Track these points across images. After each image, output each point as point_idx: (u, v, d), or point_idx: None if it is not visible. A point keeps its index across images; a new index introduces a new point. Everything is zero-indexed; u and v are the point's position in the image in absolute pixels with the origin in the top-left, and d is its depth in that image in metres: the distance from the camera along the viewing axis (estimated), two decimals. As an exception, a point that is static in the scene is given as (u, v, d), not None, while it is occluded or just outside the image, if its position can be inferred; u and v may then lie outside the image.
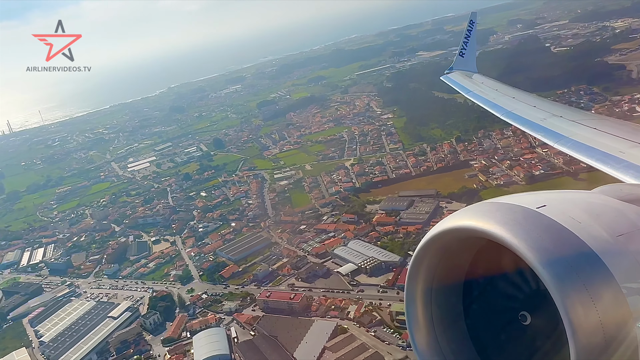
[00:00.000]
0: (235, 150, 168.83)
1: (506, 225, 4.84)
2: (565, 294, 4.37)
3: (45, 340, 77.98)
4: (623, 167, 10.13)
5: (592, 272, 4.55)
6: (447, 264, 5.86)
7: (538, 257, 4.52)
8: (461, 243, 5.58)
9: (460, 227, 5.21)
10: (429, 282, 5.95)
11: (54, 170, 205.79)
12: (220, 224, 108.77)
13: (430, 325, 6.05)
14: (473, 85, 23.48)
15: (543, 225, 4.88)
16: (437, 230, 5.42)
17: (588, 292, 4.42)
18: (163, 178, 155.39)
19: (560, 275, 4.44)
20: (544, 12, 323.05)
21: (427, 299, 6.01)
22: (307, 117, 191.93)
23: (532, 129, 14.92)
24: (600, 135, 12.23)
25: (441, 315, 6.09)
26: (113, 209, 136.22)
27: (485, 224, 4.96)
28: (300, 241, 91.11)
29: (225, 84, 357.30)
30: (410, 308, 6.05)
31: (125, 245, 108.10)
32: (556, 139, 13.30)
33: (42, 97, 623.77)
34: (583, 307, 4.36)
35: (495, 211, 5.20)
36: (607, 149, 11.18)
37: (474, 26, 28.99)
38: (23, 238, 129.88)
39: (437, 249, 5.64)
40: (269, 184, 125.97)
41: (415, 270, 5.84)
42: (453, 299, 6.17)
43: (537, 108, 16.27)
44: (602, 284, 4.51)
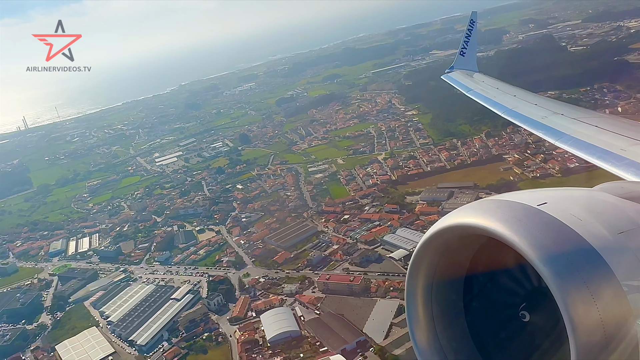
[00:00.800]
0: (262, 146, 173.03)
1: (507, 222, 4.88)
2: (566, 291, 4.36)
3: (113, 320, 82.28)
4: (624, 164, 10.07)
5: (592, 270, 4.54)
6: (447, 261, 5.89)
7: (538, 254, 4.52)
8: (462, 240, 5.62)
9: (461, 225, 5.25)
10: (429, 279, 5.98)
11: (79, 165, 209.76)
12: (262, 215, 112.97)
13: (430, 323, 6.11)
14: (474, 84, 23.61)
15: (544, 222, 4.90)
16: (437, 228, 5.48)
17: (588, 290, 4.41)
18: (195, 172, 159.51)
19: (560, 272, 4.43)
20: (553, 12, 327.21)
21: (428, 296, 6.05)
22: (329, 113, 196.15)
23: (533, 127, 14.94)
24: (601, 133, 12.20)
25: (441, 313, 6.13)
26: (150, 201, 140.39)
27: (486, 221, 4.99)
28: (347, 230, 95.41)
29: (238, 82, 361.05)
30: (410, 305, 6.09)
31: (171, 235, 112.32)
32: (557, 136, 13.31)
33: (49, 95, 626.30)
34: (583, 304, 4.35)
35: (495, 208, 5.24)
36: (608, 146, 11.14)
37: (475, 25, 29.38)
38: (64, 228, 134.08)
39: (437, 246, 5.67)
40: (304, 177, 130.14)
41: (416, 267, 5.88)
42: (453, 296, 6.20)
43: (538, 106, 16.34)
44: (602, 281, 4.50)
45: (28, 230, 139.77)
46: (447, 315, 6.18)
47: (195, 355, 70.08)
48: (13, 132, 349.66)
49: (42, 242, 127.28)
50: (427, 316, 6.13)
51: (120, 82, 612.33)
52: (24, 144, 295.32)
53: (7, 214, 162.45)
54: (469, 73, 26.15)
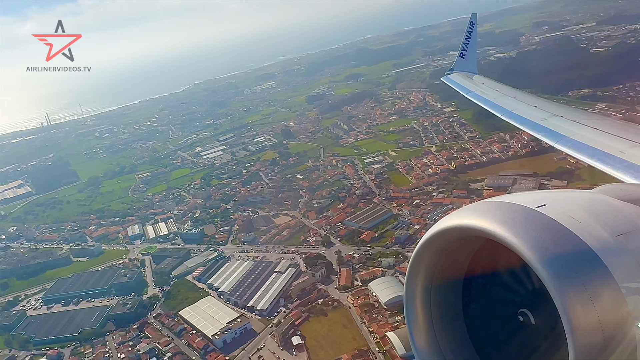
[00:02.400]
0: (307, 140, 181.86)
1: (506, 224, 4.91)
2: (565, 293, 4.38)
3: (225, 291, 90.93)
4: (623, 167, 10.07)
5: (591, 272, 4.58)
6: (446, 263, 5.97)
7: (537, 256, 4.56)
8: (461, 242, 5.68)
9: (460, 226, 5.31)
10: (428, 281, 6.05)
11: (120, 159, 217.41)
12: (332, 201, 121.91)
13: (429, 324, 6.18)
14: (474, 85, 23.94)
15: (543, 224, 4.94)
16: (436, 229, 5.55)
17: (587, 292, 4.43)
18: (247, 164, 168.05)
19: (559, 274, 4.47)
20: (564, 15, 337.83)
21: (427, 298, 6.13)
22: (365, 110, 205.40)
23: (533, 129, 14.97)
24: (600, 135, 12.14)
25: (440, 314, 6.19)
26: (212, 190, 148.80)
27: (485, 223, 5.03)
28: (423, 212, 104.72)
29: (256, 81, 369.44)
30: (409, 307, 6.19)
31: (249, 219, 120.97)
32: (557, 138, 13.31)
33: (52, 94, 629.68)
34: (582, 306, 4.37)
35: (495, 210, 5.29)
36: (608, 148, 11.09)
37: (474, 28, 29.74)
38: (134, 215, 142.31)
39: (437, 247, 5.75)
40: (362, 167, 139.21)
41: (415, 268, 5.95)
42: (452, 298, 6.26)
43: (538, 108, 16.38)
44: (601, 283, 4.53)
45: (96, 217, 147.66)
46: (446, 317, 6.19)
47: (317, 317, 78.87)
48: (37, 129, 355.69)
49: (116, 227, 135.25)
50: (426, 317, 6.14)
51: (126, 82, 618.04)
52: (52, 140, 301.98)
53: (65, 203, 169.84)
54: (468, 75, 26.63)
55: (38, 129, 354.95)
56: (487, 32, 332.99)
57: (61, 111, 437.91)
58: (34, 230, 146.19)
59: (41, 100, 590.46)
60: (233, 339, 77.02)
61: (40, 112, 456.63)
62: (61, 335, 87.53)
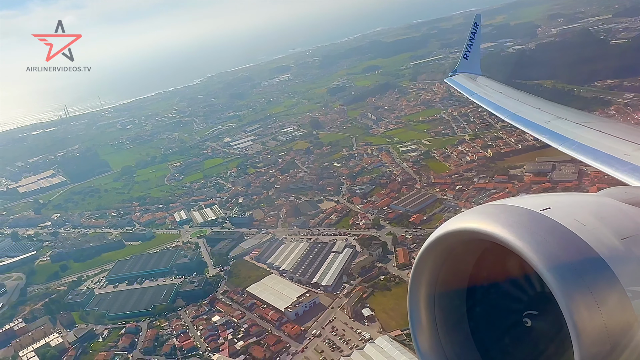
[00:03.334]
0: (337, 130, 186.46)
1: (510, 227, 4.91)
2: (570, 297, 4.37)
3: (287, 269, 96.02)
4: (628, 169, 10.09)
5: (597, 276, 4.55)
6: (450, 266, 5.95)
7: (542, 260, 4.55)
8: (465, 245, 5.67)
9: (465, 229, 5.30)
10: (432, 285, 6.05)
11: (149, 150, 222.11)
12: (374, 187, 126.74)
13: (433, 328, 6.16)
14: (477, 87, 23.81)
15: (548, 227, 4.93)
16: (441, 232, 5.53)
17: (593, 296, 4.41)
18: (280, 153, 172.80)
19: (564, 278, 4.45)
20: (578, 7, 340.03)
21: (431, 302, 6.11)
22: (390, 101, 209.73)
23: (537, 131, 15.00)
24: (605, 138, 12.13)
25: (444, 318, 6.17)
26: (250, 178, 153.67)
27: (489, 226, 5.03)
28: (468, 196, 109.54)
29: (271, 73, 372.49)
30: (413, 310, 6.16)
31: (294, 204, 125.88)
32: (560, 141, 13.27)
33: (64, 87, 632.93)
34: (588, 310, 4.35)
35: (499, 213, 5.27)
36: (612, 151, 11.08)
37: (478, 29, 29.51)
38: (177, 202, 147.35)
39: (441, 251, 5.74)
40: (399, 155, 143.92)
41: (419, 272, 5.97)
42: (456, 302, 6.25)
43: (542, 110, 16.38)
44: (607, 287, 4.51)
45: (138, 204, 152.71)
46: (450, 321, 6.22)
47: (381, 292, 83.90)
48: (55, 121, 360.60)
49: (161, 213, 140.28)
50: (430, 321, 6.17)
51: (136, 75, 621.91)
52: (73, 131, 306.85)
53: (103, 191, 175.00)
54: (472, 76, 26.54)
55: (57, 121, 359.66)
56: (501, 25, 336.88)
57: (75, 104, 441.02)
58: (79, 217, 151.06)
59: (48, 94, 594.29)
60: (304, 312, 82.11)
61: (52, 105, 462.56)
62: (134, 310, 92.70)
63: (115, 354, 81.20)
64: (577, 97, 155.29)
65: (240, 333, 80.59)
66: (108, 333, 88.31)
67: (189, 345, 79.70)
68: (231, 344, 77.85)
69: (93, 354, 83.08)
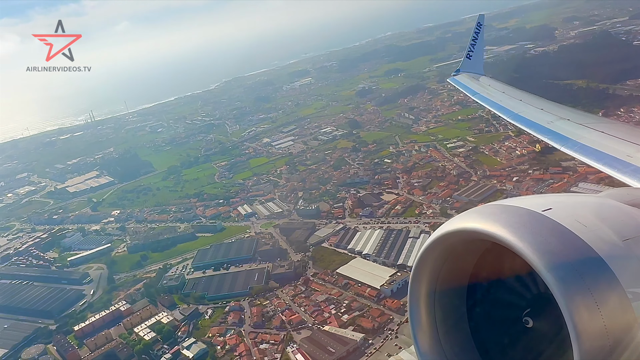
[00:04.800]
0: (377, 129, 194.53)
1: (511, 227, 4.95)
2: (570, 298, 4.39)
3: (369, 253, 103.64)
4: (630, 171, 10.19)
5: (597, 277, 4.58)
6: (451, 266, 6.02)
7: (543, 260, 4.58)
8: (466, 245, 5.74)
9: (465, 229, 5.35)
10: (432, 284, 6.12)
11: (188, 150, 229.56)
12: (430, 180, 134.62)
13: (433, 328, 6.25)
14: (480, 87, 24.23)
15: (548, 228, 4.97)
16: (441, 232, 5.59)
17: (593, 297, 4.43)
18: (326, 151, 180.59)
19: (565, 279, 4.48)
20: (590, 10, 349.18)
21: (431, 301, 6.20)
22: (423, 102, 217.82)
23: (539, 132, 15.13)
24: (607, 139, 12.27)
25: (444, 318, 6.24)
26: (303, 174, 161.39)
27: (490, 226, 5.08)
28: (527, 187, 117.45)
29: (290, 78, 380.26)
30: (413, 310, 6.25)
31: (358, 196, 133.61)
32: (563, 142, 13.42)
33: (70, 95, 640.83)
34: (588, 311, 4.38)
35: (500, 213, 5.31)
36: (615, 152, 11.25)
37: (482, 29, 29.84)
38: (237, 197, 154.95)
39: (441, 250, 5.80)
40: (447, 151, 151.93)
41: (419, 271, 6.03)
42: (456, 302, 6.32)
43: (544, 111, 16.37)
44: (607, 288, 4.53)
45: (197, 200, 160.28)
46: (450, 320, 6.28)
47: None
48: (80, 125, 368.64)
49: (224, 208, 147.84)
50: (430, 321, 6.24)
51: (148, 81, 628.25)
52: (103, 135, 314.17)
53: (155, 189, 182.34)
54: (475, 76, 26.71)
55: (82, 125, 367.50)
56: (517, 28, 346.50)
57: (94, 109, 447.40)
58: (140, 213, 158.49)
59: (60, 100, 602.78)
60: (398, 289, 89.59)
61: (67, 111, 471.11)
62: (231, 291, 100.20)
63: (227, 329, 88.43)
64: (612, 96, 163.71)
65: (343, 308, 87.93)
66: (212, 312, 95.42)
67: (297, 319, 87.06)
68: (337, 317, 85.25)
69: (204, 330, 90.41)
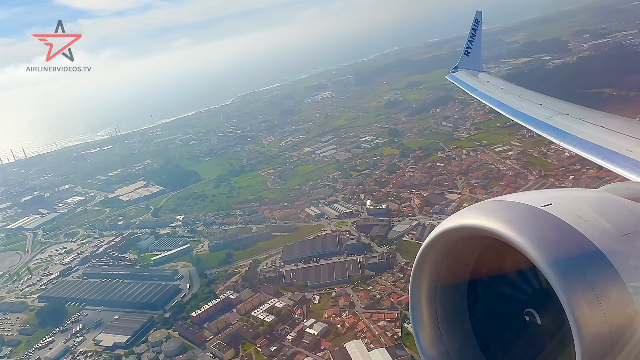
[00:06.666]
0: (418, 137, 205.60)
1: (511, 223, 5.01)
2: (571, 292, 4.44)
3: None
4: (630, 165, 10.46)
5: (598, 271, 4.64)
6: (452, 263, 6.12)
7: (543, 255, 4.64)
8: (466, 241, 5.83)
9: (465, 226, 5.44)
10: (433, 281, 6.22)
11: (230, 161, 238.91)
12: (488, 180, 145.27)
13: (434, 324, 6.36)
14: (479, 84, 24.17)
15: (549, 223, 5.03)
16: (442, 229, 5.69)
17: (594, 291, 4.49)
18: (374, 158, 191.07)
19: (565, 273, 4.53)
20: (596, 24, 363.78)
21: (432, 297, 6.32)
22: (456, 111, 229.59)
23: (538, 127, 15.38)
24: (607, 134, 12.31)
25: (445, 314, 6.36)
26: (359, 179, 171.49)
27: (490, 222, 5.14)
28: (587, 184, 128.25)
29: (308, 91, 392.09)
30: (415, 306, 6.36)
31: (421, 196, 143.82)
32: (562, 137, 13.54)
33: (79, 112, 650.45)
34: (589, 306, 4.44)
35: (500, 209, 5.38)
36: (614, 147, 11.30)
37: (479, 25, 30.31)
38: (300, 199, 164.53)
39: (442, 247, 5.90)
40: (497, 155, 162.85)
41: (420, 268, 6.14)
42: (458, 298, 6.43)
43: (543, 106, 16.86)
44: (608, 283, 4.60)
45: (259, 204, 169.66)
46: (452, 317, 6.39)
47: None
48: (107, 139, 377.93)
49: (291, 210, 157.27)
50: (431, 317, 6.34)
51: (161, 98, 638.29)
52: (133, 148, 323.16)
53: (211, 196, 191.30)
54: (473, 73, 26.92)
55: (108, 139, 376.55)
56: (529, 41, 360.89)
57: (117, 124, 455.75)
58: (204, 217, 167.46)
59: (65, 119, 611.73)
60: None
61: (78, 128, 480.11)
62: (331, 280, 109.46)
63: (340, 310, 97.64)
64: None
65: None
66: (319, 298, 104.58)
67: (406, 300, 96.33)
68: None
69: (317, 312, 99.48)
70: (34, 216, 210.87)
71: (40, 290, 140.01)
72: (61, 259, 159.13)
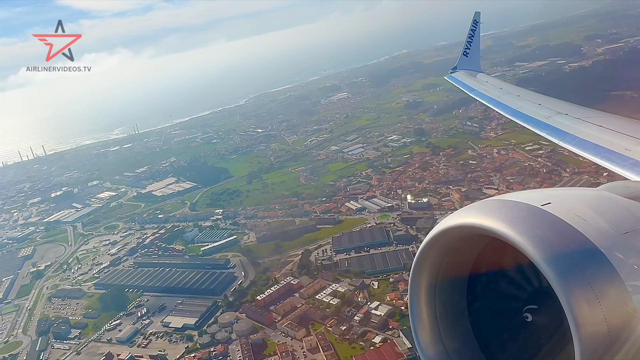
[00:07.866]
0: (445, 136, 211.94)
1: (510, 222, 5.03)
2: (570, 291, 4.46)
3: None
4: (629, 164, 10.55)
5: (597, 270, 4.66)
6: (451, 261, 6.13)
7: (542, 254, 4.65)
8: (465, 240, 5.84)
9: (465, 225, 5.45)
10: (433, 279, 6.24)
11: (256, 158, 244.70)
12: (523, 177, 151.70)
13: (433, 322, 6.37)
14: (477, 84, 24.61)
15: (548, 222, 5.05)
16: (441, 228, 5.72)
17: (593, 290, 4.51)
18: (404, 156, 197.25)
19: (564, 272, 4.55)
20: (607, 29, 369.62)
21: (431, 296, 6.33)
22: (479, 111, 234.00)
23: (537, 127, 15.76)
24: (605, 133, 12.41)
25: (445, 313, 6.37)
26: (394, 175, 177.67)
27: (489, 221, 5.17)
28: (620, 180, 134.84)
29: (323, 92, 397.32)
30: (414, 305, 6.38)
31: (459, 191, 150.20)
32: (561, 136, 13.84)
33: (89, 111, 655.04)
34: (588, 304, 4.45)
35: (499, 208, 5.41)
36: (613, 146, 11.40)
37: (478, 26, 30.48)
38: (337, 194, 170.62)
39: (441, 246, 5.90)
40: (528, 153, 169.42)
41: (420, 267, 6.15)
42: (457, 297, 6.44)
43: (542, 106, 17.06)
44: (607, 281, 4.62)
45: (297, 199, 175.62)
46: (451, 315, 6.40)
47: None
48: (126, 137, 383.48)
49: (331, 204, 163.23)
50: (430, 316, 6.36)
51: (171, 99, 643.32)
52: (153, 147, 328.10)
53: (247, 192, 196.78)
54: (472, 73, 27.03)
55: (127, 137, 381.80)
56: (541, 45, 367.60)
57: (135, 122, 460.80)
58: (244, 211, 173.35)
59: (69, 120, 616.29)
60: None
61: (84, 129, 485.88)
62: (387, 267, 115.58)
63: (402, 294, 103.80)
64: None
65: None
66: (378, 283, 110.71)
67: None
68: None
69: (378, 296, 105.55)
70: (69, 210, 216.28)
71: (94, 278, 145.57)
72: (107, 250, 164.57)
